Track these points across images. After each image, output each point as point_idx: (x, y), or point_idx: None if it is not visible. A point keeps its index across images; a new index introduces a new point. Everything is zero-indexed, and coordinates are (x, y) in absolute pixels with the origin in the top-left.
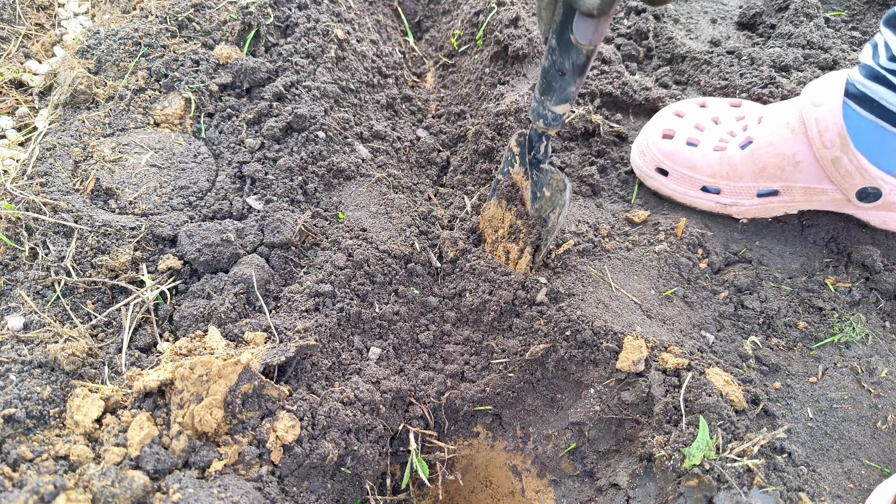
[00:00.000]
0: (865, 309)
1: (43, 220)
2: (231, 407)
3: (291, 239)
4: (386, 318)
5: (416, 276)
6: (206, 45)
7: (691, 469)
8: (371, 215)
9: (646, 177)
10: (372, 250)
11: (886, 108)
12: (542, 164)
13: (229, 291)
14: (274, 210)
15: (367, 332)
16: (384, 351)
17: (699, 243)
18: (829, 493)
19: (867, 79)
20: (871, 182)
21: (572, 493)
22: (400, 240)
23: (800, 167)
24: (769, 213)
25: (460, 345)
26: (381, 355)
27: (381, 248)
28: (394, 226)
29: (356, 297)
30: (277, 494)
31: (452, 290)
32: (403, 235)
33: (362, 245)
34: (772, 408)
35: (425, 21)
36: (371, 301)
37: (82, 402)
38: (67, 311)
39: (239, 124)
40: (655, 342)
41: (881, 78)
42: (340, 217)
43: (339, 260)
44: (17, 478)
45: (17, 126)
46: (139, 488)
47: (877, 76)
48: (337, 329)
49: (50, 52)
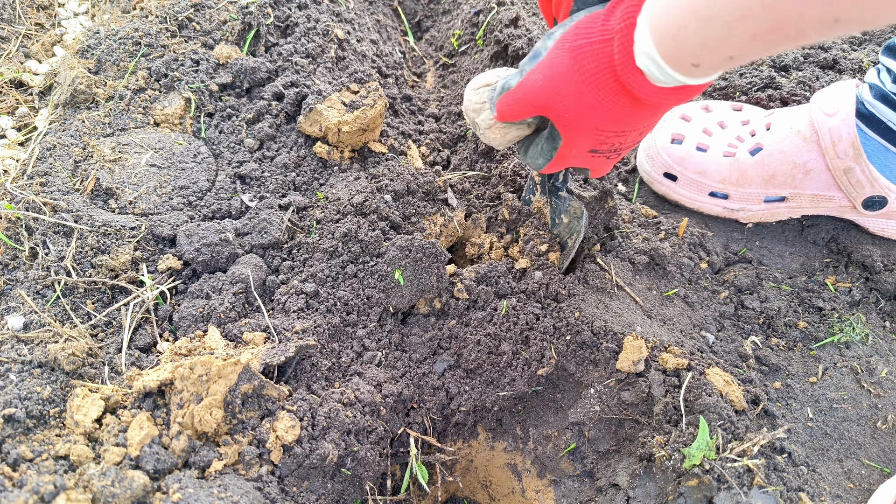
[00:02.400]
0: (865, 309)
1: (43, 220)
2: (231, 407)
3: (280, 238)
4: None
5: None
6: (206, 44)
7: (691, 469)
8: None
9: (653, 181)
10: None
11: (892, 129)
12: (560, 191)
13: (228, 291)
14: (262, 209)
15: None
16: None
17: (700, 243)
18: (829, 493)
19: (876, 99)
20: (880, 191)
21: (572, 493)
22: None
23: (810, 175)
24: (774, 218)
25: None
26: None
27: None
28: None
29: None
30: (277, 494)
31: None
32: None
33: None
34: (772, 408)
35: (425, 21)
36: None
37: (82, 401)
38: (67, 311)
39: (239, 124)
40: (655, 342)
41: (890, 100)
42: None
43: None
44: (17, 477)
45: (17, 126)
46: (139, 488)
47: (885, 97)
48: (336, 329)
49: (50, 51)
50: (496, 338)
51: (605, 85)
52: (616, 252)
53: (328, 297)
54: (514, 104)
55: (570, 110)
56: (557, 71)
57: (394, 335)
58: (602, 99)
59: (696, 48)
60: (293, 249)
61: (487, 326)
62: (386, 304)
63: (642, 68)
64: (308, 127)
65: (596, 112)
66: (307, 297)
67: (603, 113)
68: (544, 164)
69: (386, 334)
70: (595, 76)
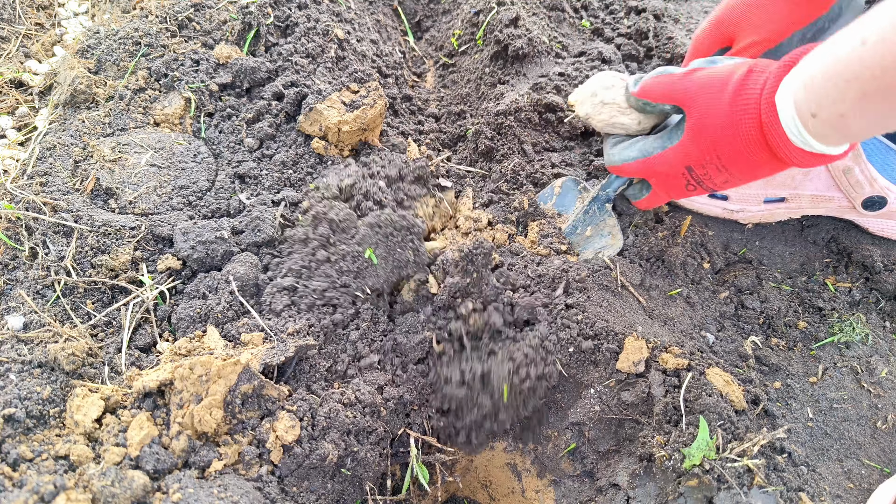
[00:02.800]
0: (865, 309)
1: (43, 220)
2: (231, 407)
3: (273, 235)
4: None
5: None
6: (206, 44)
7: (691, 469)
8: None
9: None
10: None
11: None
12: (607, 201)
13: (224, 290)
14: (255, 206)
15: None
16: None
17: (701, 243)
18: (829, 493)
19: None
20: (879, 191)
21: (572, 493)
22: None
23: (809, 176)
24: (774, 219)
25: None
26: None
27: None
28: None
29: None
30: (277, 494)
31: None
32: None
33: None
34: (772, 408)
35: (425, 21)
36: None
37: (82, 401)
38: (67, 311)
39: (239, 124)
40: (656, 342)
41: None
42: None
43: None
44: (17, 477)
45: (17, 126)
46: (139, 488)
47: None
48: (335, 329)
49: (50, 51)
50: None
51: (749, 132)
52: (621, 252)
53: (304, 289)
54: (663, 86)
55: (706, 119)
56: (713, 87)
57: (385, 336)
58: (742, 141)
59: (818, 100)
60: (281, 245)
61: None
62: (362, 286)
63: (782, 121)
64: (308, 126)
65: (725, 142)
66: (289, 294)
67: (733, 149)
68: (635, 158)
69: (378, 330)
70: (744, 126)
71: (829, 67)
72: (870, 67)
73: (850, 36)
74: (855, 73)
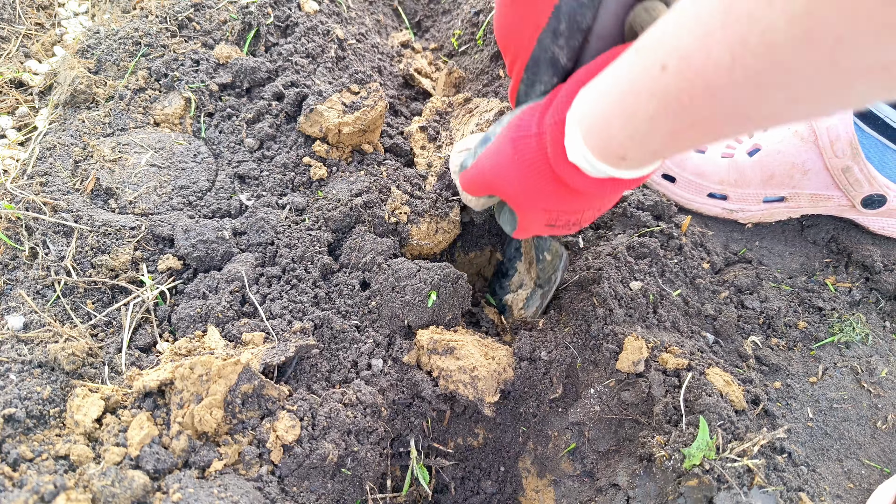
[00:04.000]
0: (865, 309)
1: (43, 220)
2: (231, 407)
3: (275, 238)
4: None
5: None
6: (206, 44)
7: (691, 469)
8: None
9: (651, 183)
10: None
11: (890, 125)
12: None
13: (224, 290)
14: (258, 207)
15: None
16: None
17: (700, 243)
18: (829, 493)
19: None
20: (879, 189)
21: (572, 493)
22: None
23: (808, 175)
24: (773, 218)
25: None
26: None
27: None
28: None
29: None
30: (277, 494)
31: None
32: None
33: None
34: (772, 408)
35: (425, 21)
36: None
37: (82, 401)
38: (67, 311)
39: (239, 124)
40: (656, 342)
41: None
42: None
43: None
44: (17, 477)
45: (17, 126)
46: (139, 488)
47: None
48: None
49: (50, 51)
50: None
51: (544, 175)
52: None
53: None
54: (469, 183)
55: (517, 195)
56: (501, 159)
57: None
58: (542, 187)
59: (623, 142)
60: (279, 248)
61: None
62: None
63: (574, 162)
64: (308, 127)
65: (540, 197)
66: (289, 294)
67: (546, 198)
68: (511, 231)
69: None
70: (534, 167)
71: (629, 106)
72: (676, 98)
73: (644, 62)
74: (660, 108)
